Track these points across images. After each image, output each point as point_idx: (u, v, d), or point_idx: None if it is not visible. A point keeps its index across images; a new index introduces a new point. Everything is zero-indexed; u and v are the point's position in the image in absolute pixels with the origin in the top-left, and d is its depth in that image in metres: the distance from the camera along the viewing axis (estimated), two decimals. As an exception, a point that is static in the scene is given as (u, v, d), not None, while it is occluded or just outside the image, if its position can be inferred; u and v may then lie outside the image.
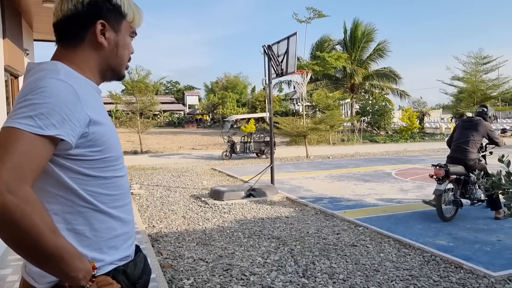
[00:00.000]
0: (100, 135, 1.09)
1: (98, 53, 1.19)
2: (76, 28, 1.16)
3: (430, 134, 27.65)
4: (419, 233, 5.14)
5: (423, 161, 13.28)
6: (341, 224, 5.69)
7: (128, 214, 1.21)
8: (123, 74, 1.29)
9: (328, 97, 24.65)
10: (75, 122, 1.01)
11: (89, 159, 1.08)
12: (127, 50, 1.26)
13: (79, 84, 1.08)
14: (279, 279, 3.83)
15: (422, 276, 3.83)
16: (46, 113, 0.97)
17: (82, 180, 1.08)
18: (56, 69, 1.07)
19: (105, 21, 1.17)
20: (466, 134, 6.03)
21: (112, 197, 1.14)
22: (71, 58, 1.16)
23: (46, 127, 0.96)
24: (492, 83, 25.62)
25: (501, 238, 4.90)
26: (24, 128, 0.95)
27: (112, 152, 1.13)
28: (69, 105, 1.00)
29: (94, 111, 1.08)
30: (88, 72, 1.18)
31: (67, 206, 1.07)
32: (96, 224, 1.11)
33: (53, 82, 1.01)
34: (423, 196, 7.47)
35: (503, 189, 1.81)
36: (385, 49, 31.26)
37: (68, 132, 1.00)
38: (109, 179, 1.13)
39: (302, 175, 10.57)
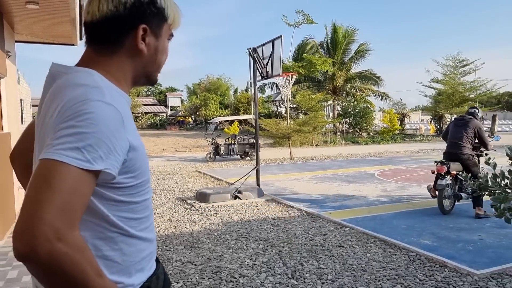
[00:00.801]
0: (135, 160, 0.99)
1: (136, 60, 1.07)
2: (115, 32, 1.03)
3: (411, 135, 28.14)
4: (403, 233, 5.24)
5: (405, 162, 13.51)
6: (328, 225, 5.76)
7: (153, 233, 1.15)
8: (157, 79, 1.17)
9: (311, 99, 24.86)
10: (119, 152, 0.92)
11: (123, 186, 0.98)
12: (165, 55, 1.14)
13: (120, 102, 0.96)
14: (268, 280, 3.85)
15: (408, 275, 3.91)
16: (94, 145, 0.86)
17: (114, 206, 0.99)
18: (98, 85, 0.94)
19: (147, 25, 1.05)
20: (460, 131, 6.48)
21: (140, 220, 1.07)
22: (106, 66, 1.03)
23: (94, 160, 0.86)
24: (470, 85, 26.25)
25: (482, 237, 5.03)
26: (71, 162, 0.83)
27: (145, 176, 1.05)
28: (115, 133, 0.90)
29: (132, 134, 0.98)
30: (123, 82, 1.07)
31: (98, 232, 0.99)
32: (126, 249, 1.03)
33: (100, 107, 0.89)
34: (406, 197, 7.64)
35: (490, 191, 1.88)
36: (366, 50, 31.71)
37: (114, 164, 0.90)
38: (139, 203, 1.05)
39: (287, 177, 10.63)
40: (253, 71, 8.19)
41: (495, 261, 4.18)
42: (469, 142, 6.40)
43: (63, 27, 6.27)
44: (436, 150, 16.51)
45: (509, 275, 3.82)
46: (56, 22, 6.02)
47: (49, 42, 7.45)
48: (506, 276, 3.81)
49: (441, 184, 6.12)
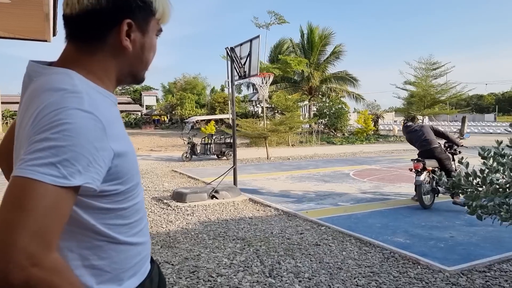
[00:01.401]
0: (122, 166, 0.91)
1: (120, 58, 0.98)
2: (97, 27, 0.94)
3: (384, 136, 28.70)
4: (378, 232, 5.35)
5: (379, 162, 13.78)
6: (304, 224, 5.81)
7: (146, 235, 1.08)
8: (144, 78, 1.08)
9: (287, 99, 25.02)
10: (101, 163, 0.84)
11: (109, 194, 0.92)
12: (153, 52, 1.05)
13: (103, 107, 0.88)
14: (246, 279, 3.86)
15: (383, 272, 4.00)
16: (71, 159, 0.79)
17: (101, 215, 0.92)
18: (77, 90, 0.85)
19: (132, 20, 0.95)
20: (421, 133, 7.05)
21: (131, 225, 1.00)
22: (88, 65, 0.95)
23: (71, 175, 0.78)
24: (441, 87, 27.02)
25: (453, 234, 5.19)
26: (45, 180, 0.76)
27: (133, 180, 0.97)
28: (95, 144, 0.82)
29: (117, 139, 0.90)
30: (107, 81, 0.98)
31: (84, 242, 0.92)
32: (115, 257, 0.97)
33: (78, 117, 0.81)
34: (380, 196, 7.80)
35: (463, 189, 1.94)
36: (341, 52, 32.15)
37: (94, 177, 0.83)
38: (129, 208, 0.98)
39: (264, 176, 10.67)
40: (231, 70, 8.18)
41: (465, 258, 4.32)
42: (432, 136, 6.99)
43: (36, 23, 6.11)
44: (409, 151, 16.89)
45: (478, 271, 3.96)
46: (28, 17, 5.86)
47: (21, 38, 7.24)
48: (476, 272, 3.95)
49: (419, 180, 6.48)
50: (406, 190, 8.27)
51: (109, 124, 0.87)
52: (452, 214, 6.27)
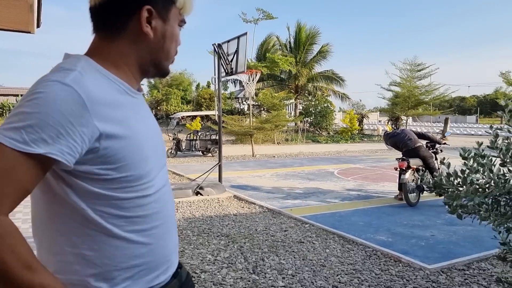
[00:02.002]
0: (116, 151, 0.87)
1: (141, 45, 0.98)
2: (117, 15, 0.95)
3: (369, 135, 28.99)
4: (361, 230, 5.42)
5: (363, 161, 13.92)
6: (288, 222, 5.85)
7: (159, 238, 0.99)
8: (168, 70, 1.07)
9: (274, 97, 25.07)
10: (76, 137, 0.81)
11: (100, 178, 0.88)
12: (175, 42, 1.04)
13: (97, 87, 0.87)
14: (229, 276, 3.87)
15: (365, 269, 4.05)
16: (36, 126, 0.78)
17: (91, 199, 0.88)
18: (71, 67, 0.87)
19: (152, 7, 0.96)
20: (403, 135, 7.31)
21: (131, 219, 0.93)
22: (107, 52, 0.96)
23: (33, 142, 0.77)
24: (425, 89, 27.39)
25: (434, 233, 5.29)
26: (5, 142, 0.76)
27: (133, 170, 0.91)
28: (69, 117, 0.80)
29: (112, 121, 0.87)
30: (126, 69, 0.98)
31: (74, 228, 0.89)
32: (107, 251, 0.91)
33: (53, 87, 0.81)
34: (364, 195, 7.89)
35: (444, 189, 1.99)
36: (328, 52, 32.31)
37: (63, 150, 0.80)
38: (128, 200, 0.92)
39: (249, 174, 10.69)
40: (218, 67, 8.16)
41: (445, 256, 4.41)
42: (414, 137, 7.23)
43: (20, 14, 6.00)
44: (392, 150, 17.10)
45: (457, 269, 4.05)
46: (12, 8, 5.75)
47: (4, 29, 7.09)
48: (455, 270, 4.03)
49: (404, 178, 6.67)
50: (389, 189, 8.39)
51: (96, 103, 0.85)
52: (434, 213, 6.39)
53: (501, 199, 1.74)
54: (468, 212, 1.73)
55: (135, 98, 0.98)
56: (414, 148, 7.11)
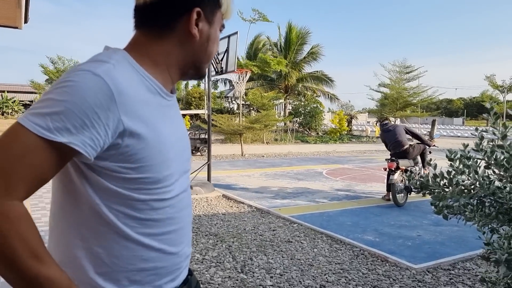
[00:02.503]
0: (136, 150, 0.86)
1: (186, 46, 0.98)
2: (167, 15, 0.95)
3: (357, 136, 29.18)
4: (349, 230, 5.46)
5: (351, 161, 14.02)
6: (277, 221, 5.87)
7: (172, 245, 0.97)
8: (205, 72, 1.07)
9: (263, 97, 25.09)
10: (100, 130, 0.80)
11: (117, 176, 0.87)
12: (216, 45, 1.05)
13: (128, 81, 0.86)
14: (218, 275, 3.88)
15: (352, 269, 4.09)
16: (61, 114, 0.77)
17: (108, 196, 0.87)
18: (106, 60, 0.85)
19: (202, 9, 0.96)
20: (394, 133, 7.32)
21: (143, 221, 0.91)
22: (149, 49, 0.95)
23: (57, 130, 0.76)
24: (413, 91, 27.69)
25: (420, 233, 5.36)
26: (29, 127, 0.76)
27: (152, 172, 0.89)
28: (95, 108, 0.79)
29: (137, 118, 0.85)
30: (164, 69, 0.97)
31: (86, 221, 0.88)
32: (116, 250, 0.89)
33: (84, 77, 0.80)
34: (352, 195, 7.95)
35: (430, 190, 2.02)
36: (318, 53, 32.45)
37: (85, 141, 0.79)
38: (144, 202, 0.91)
39: (238, 173, 10.69)
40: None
41: (431, 256, 4.47)
42: (404, 137, 7.31)
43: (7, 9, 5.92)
44: (380, 151, 17.27)
45: (443, 269, 4.11)
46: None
47: (-10, 23, 6.98)
48: (441, 270, 4.09)
49: (393, 179, 6.76)
50: (377, 189, 8.47)
51: (125, 97, 0.83)
52: (420, 213, 6.47)
53: (485, 200, 1.78)
54: (453, 212, 1.76)
55: (165, 100, 0.97)
56: (402, 151, 7.20)
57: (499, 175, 1.67)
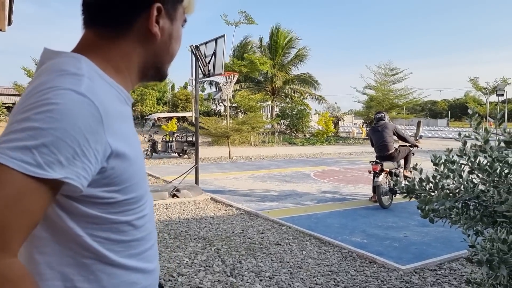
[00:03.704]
0: (121, 171, 0.78)
1: (146, 46, 0.88)
2: (124, 11, 0.84)
3: (344, 138, 29.40)
4: (337, 231, 5.51)
5: (338, 163, 14.12)
6: (265, 224, 5.89)
7: (151, 261, 0.91)
8: (167, 73, 0.97)
9: (251, 99, 25.12)
10: (91, 158, 0.71)
11: (103, 202, 0.78)
12: (179, 43, 0.95)
13: (105, 97, 0.77)
14: (207, 279, 3.88)
15: (341, 271, 4.13)
16: (51, 145, 0.67)
17: (90, 224, 0.78)
18: (77, 72, 0.75)
19: (162, 5, 0.86)
20: (382, 135, 7.36)
21: (129, 244, 0.84)
22: (108, 52, 0.85)
23: (48, 165, 0.66)
24: (399, 93, 28.03)
25: (407, 234, 5.43)
26: (14, 166, 0.65)
27: (135, 191, 0.83)
28: (86, 133, 0.70)
29: (119, 137, 0.78)
30: (126, 73, 0.88)
31: (67, 257, 0.78)
32: (106, 281, 0.81)
33: (68, 97, 0.70)
34: (339, 197, 8.01)
35: (416, 194, 2.06)
36: (305, 55, 32.65)
37: (79, 173, 0.70)
38: (127, 223, 0.84)
39: (226, 176, 10.69)
40: (195, 68, 8.14)
41: (418, 256, 4.54)
42: (392, 141, 7.38)
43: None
44: (367, 153, 17.43)
45: (430, 270, 4.17)
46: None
47: (-26, 26, 6.87)
48: (428, 270, 4.16)
49: (377, 181, 6.84)
50: (364, 191, 8.55)
51: (108, 116, 0.75)
52: (407, 215, 6.55)
53: (470, 203, 1.83)
54: (439, 216, 1.80)
55: (130, 107, 0.89)
56: (387, 155, 7.29)
57: (483, 179, 1.72)
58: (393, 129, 7.50)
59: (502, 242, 1.36)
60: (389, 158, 7.27)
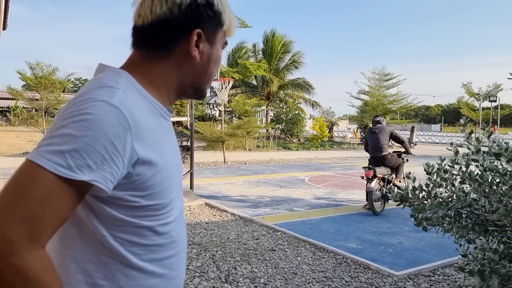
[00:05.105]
0: (147, 178, 0.85)
1: (186, 68, 0.95)
2: (166, 36, 0.92)
3: (338, 142, 29.49)
4: (331, 237, 5.53)
5: (333, 168, 14.16)
6: (260, 230, 5.90)
7: (172, 269, 0.95)
8: (206, 92, 1.03)
9: (246, 103, 25.15)
10: (119, 163, 0.79)
11: (127, 205, 0.85)
12: (218, 64, 1.01)
13: (137, 108, 0.84)
14: (202, 285, 3.88)
15: (336, 277, 4.15)
16: (81, 150, 0.74)
17: (113, 226, 0.85)
18: (114, 85, 0.84)
19: (202, 30, 0.93)
20: (377, 137, 7.38)
21: (149, 248, 0.90)
22: (148, 71, 0.93)
23: (78, 168, 0.74)
24: (393, 98, 28.18)
25: (401, 240, 5.47)
26: (49, 167, 0.73)
27: (160, 198, 0.89)
28: (114, 141, 0.78)
29: (149, 146, 0.84)
30: (163, 90, 0.95)
31: (89, 254, 0.85)
32: (122, 281, 0.87)
33: (102, 109, 0.78)
34: (334, 202, 8.04)
35: (410, 202, 2.09)
36: (300, 61, 32.78)
37: (106, 177, 0.77)
38: (150, 228, 0.89)
39: (221, 181, 10.69)
40: (191, 74, 8.14)
41: (412, 262, 4.57)
42: (387, 145, 7.40)
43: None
44: (361, 158, 17.49)
45: (424, 276, 4.20)
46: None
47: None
48: (422, 276, 4.19)
49: (370, 187, 6.81)
50: (358, 196, 8.58)
51: (138, 126, 0.82)
52: (401, 220, 6.59)
53: (462, 212, 1.85)
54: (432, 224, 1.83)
55: (168, 121, 0.97)
56: (380, 156, 7.29)
57: (474, 189, 1.75)
58: (390, 132, 7.52)
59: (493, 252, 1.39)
60: (382, 159, 7.25)
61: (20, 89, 19.78)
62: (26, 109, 25.78)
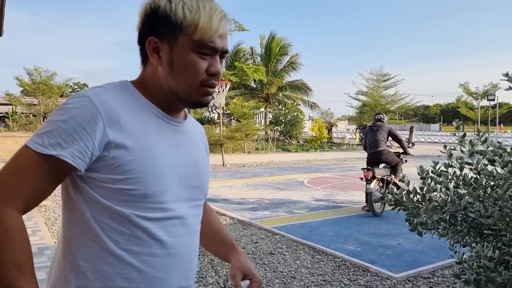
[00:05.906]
0: (123, 162, 0.92)
1: (159, 73, 1.01)
2: (140, 48, 1.04)
3: (337, 144, 29.47)
4: (330, 240, 5.52)
5: (332, 170, 14.15)
6: (259, 233, 5.88)
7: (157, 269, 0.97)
8: (196, 99, 1.02)
9: (244, 106, 25.15)
10: (88, 143, 0.89)
11: (105, 186, 0.93)
12: (192, 70, 0.98)
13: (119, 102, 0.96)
14: (200, 290, 3.86)
15: (335, 280, 4.13)
16: (55, 131, 0.89)
17: (95, 208, 0.93)
18: (101, 86, 0.99)
19: (156, 36, 0.99)
20: (375, 134, 7.42)
21: (128, 237, 0.94)
22: (142, 79, 1.05)
23: (51, 146, 0.87)
24: (391, 98, 28.21)
25: (400, 242, 5.45)
26: (30, 145, 0.89)
27: (139, 185, 0.94)
28: (84, 124, 0.89)
29: (125, 133, 0.93)
30: (154, 95, 1.04)
31: (76, 235, 0.95)
32: (100, 265, 0.93)
33: (77, 99, 0.93)
34: (333, 204, 8.02)
35: (405, 206, 2.08)
36: (298, 62, 32.80)
37: (74, 154, 0.88)
38: (129, 216, 0.94)
39: (220, 184, 10.67)
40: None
41: (411, 264, 4.55)
42: (384, 141, 7.41)
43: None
44: (361, 159, 17.47)
45: (423, 278, 4.18)
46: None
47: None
48: (421, 278, 4.17)
49: (369, 188, 6.80)
50: (358, 198, 8.56)
51: (114, 114, 0.93)
52: (400, 222, 6.55)
53: (458, 215, 1.84)
54: (427, 228, 1.82)
55: (167, 123, 1.04)
56: (377, 151, 7.27)
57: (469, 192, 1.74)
58: (388, 130, 7.50)
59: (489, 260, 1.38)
60: (379, 155, 7.25)
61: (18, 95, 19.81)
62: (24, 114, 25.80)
